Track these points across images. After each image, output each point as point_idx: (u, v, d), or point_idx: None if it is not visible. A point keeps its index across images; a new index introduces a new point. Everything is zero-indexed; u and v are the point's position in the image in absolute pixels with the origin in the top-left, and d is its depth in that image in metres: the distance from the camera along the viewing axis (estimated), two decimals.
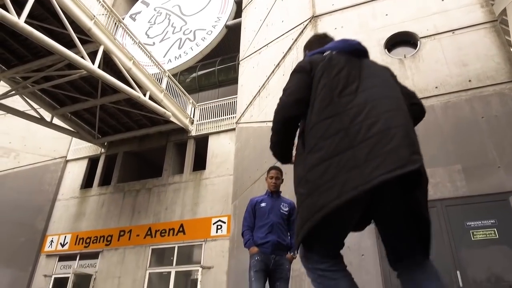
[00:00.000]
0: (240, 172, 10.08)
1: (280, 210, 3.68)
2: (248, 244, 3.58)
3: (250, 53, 11.57)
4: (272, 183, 3.79)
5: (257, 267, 3.41)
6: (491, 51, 6.22)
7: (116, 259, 11.55)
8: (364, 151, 1.34)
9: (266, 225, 3.56)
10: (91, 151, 14.36)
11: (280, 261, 3.49)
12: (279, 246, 3.52)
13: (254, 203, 3.78)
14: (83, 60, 9.07)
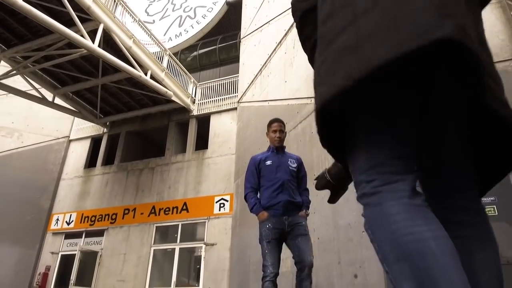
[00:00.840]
0: (242, 152, 10.14)
1: (289, 167, 3.30)
2: (255, 209, 3.16)
3: (252, 30, 11.41)
4: (276, 137, 3.37)
5: (269, 236, 3.01)
6: (496, 27, 6.11)
7: (121, 236, 11.79)
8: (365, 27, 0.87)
9: (275, 184, 3.17)
10: (94, 130, 14.42)
11: (294, 220, 3.13)
12: (291, 205, 3.16)
13: (257, 161, 3.34)
14: (83, 39, 9.00)
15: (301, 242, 3.04)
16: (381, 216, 0.85)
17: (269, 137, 3.45)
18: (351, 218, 5.63)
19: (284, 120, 6.57)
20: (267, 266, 2.93)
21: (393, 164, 0.89)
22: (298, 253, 3.01)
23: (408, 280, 0.77)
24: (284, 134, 3.46)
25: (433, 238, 0.78)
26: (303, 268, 2.94)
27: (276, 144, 3.38)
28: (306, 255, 3.00)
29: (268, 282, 2.91)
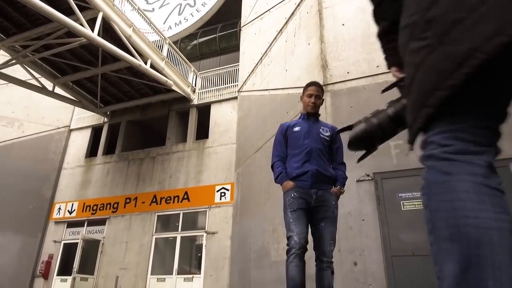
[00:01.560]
0: (242, 141, 10.14)
1: (320, 135, 2.88)
2: (280, 178, 2.80)
3: (252, 18, 11.30)
4: (311, 102, 2.95)
5: (294, 205, 2.65)
6: None
7: (123, 225, 11.88)
8: None
9: (302, 152, 2.79)
10: (94, 120, 14.42)
11: (324, 196, 2.72)
12: (321, 177, 2.75)
13: (285, 128, 3.00)
14: (82, 28, 8.93)
15: (325, 228, 2.66)
16: (446, 188, 0.76)
17: (303, 101, 3.05)
18: (351, 206, 5.66)
19: (285, 110, 6.53)
20: (292, 236, 2.53)
21: (477, 134, 0.78)
22: (318, 242, 2.67)
23: (455, 262, 0.70)
24: (321, 102, 3.03)
25: (498, 228, 0.69)
26: (320, 259, 2.62)
27: (309, 110, 2.97)
28: (326, 245, 2.63)
29: (294, 257, 2.48)
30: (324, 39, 7.15)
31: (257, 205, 8.32)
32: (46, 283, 12.00)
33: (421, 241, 5.37)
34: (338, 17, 7.24)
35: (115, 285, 10.84)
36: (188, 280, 10.38)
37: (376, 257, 5.38)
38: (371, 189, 5.78)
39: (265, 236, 7.61)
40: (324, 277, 2.57)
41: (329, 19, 7.34)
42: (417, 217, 5.48)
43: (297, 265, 2.47)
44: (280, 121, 7.85)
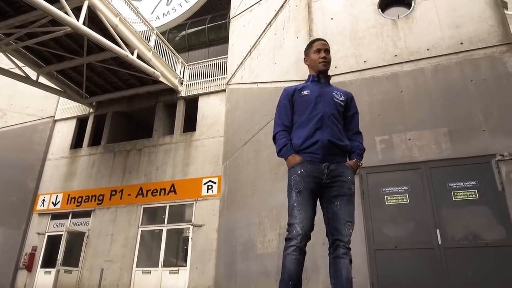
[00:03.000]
0: (230, 134, 10.11)
1: (334, 99, 2.42)
2: (284, 151, 2.32)
3: (241, 10, 11.21)
4: (321, 59, 2.47)
5: (300, 184, 2.19)
6: (485, 13, 6.12)
7: (109, 217, 11.78)
8: None
9: (314, 118, 2.32)
10: (79, 111, 14.18)
11: (338, 170, 2.25)
12: (335, 148, 2.29)
13: (291, 91, 2.49)
14: (67, 16, 8.72)
15: (341, 207, 2.19)
16: None
17: (310, 61, 2.55)
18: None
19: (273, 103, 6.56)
20: (294, 224, 2.12)
21: None
22: (332, 223, 2.20)
23: None
24: (330, 58, 2.56)
25: None
26: (336, 244, 2.15)
27: (321, 68, 2.47)
28: (343, 227, 2.15)
29: (294, 249, 2.08)
30: (312, 33, 7.15)
31: (244, 198, 8.34)
32: (30, 275, 11.86)
33: (404, 235, 5.48)
34: (327, 11, 7.24)
35: (100, 277, 10.77)
36: (174, 273, 10.37)
37: (359, 251, 5.46)
38: (356, 183, 5.84)
39: (251, 229, 7.64)
40: (341, 268, 2.10)
41: (318, 12, 7.33)
42: (400, 212, 5.58)
43: (296, 259, 2.08)
44: (268, 115, 7.84)
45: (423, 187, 5.50)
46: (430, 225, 5.28)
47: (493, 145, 5.31)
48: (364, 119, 6.23)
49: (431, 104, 5.85)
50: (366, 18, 6.80)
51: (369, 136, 6.03)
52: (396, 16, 6.62)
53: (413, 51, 6.23)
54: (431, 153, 5.61)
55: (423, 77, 6.03)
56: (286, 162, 2.33)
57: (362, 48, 6.62)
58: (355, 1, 7.04)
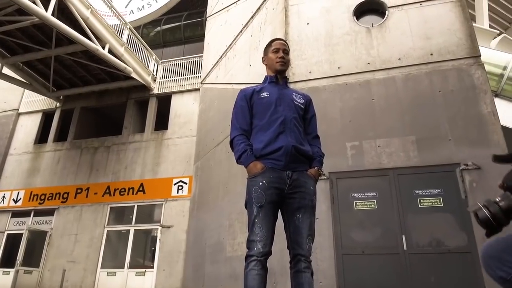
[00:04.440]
0: (203, 134, 9.98)
1: (293, 101, 2.34)
2: (244, 158, 2.16)
3: (218, 9, 11.10)
4: (278, 58, 2.39)
5: (262, 198, 2.07)
6: (454, 25, 6.33)
7: (73, 216, 11.35)
8: None
9: (276, 122, 2.21)
10: (46, 104, 13.60)
11: (300, 179, 2.15)
12: (298, 155, 2.18)
13: (249, 93, 2.35)
14: (35, 6, 8.35)
15: (302, 220, 2.11)
16: None
17: (268, 60, 2.47)
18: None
19: None
20: (255, 242, 2.03)
21: None
22: (294, 237, 2.12)
23: None
24: (289, 59, 2.49)
25: None
26: (297, 259, 2.09)
27: (278, 67, 2.39)
28: (304, 241, 2.09)
29: (255, 264, 2.00)
30: (288, 37, 7.16)
31: (215, 200, 8.25)
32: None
33: (371, 240, 5.57)
34: (303, 16, 7.27)
35: (61, 278, 10.34)
36: (140, 274, 10.12)
37: (327, 255, 5.51)
38: (326, 188, 5.89)
39: (221, 231, 7.56)
40: (303, 282, 2.06)
41: (294, 17, 7.35)
42: (368, 217, 5.67)
43: (258, 274, 1.99)
44: None
45: (390, 193, 5.62)
46: (397, 231, 5.39)
47: (458, 155, 5.50)
48: (336, 124, 6.31)
49: (400, 113, 5.99)
50: (341, 25, 6.88)
51: (340, 142, 6.11)
52: (370, 25, 6.74)
53: (385, 59, 6.36)
54: (399, 160, 5.74)
55: (394, 85, 6.16)
56: (247, 170, 2.18)
57: (336, 55, 6.69)
58: (331, 8, 7.12)
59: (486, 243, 1.31)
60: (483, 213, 1.25)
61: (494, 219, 1.24)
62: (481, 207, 1.26)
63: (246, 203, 2.17)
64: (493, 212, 1.24)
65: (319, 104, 6.44)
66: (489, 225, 1.25)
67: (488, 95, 5.74)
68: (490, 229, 1.26)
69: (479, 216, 1.26)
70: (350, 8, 6.94)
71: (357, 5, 6.93)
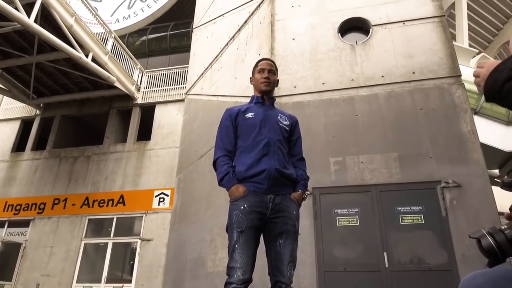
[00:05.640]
0: (187, 145, 9.86)
1: (278, 123, 2.31)
2: (226, 181, 2.13)
3: (205, 21, 11.11)
4: (263, 79, 2.37)
5: (243, 223, 2.02)
6: (436, 45, 6.47)
7: (49, 228, 10.98)
8: None
9: (259, 144, 2.18)
10: (25, 112, 13.26)
11: (283, 203, 2.12)
12: (281, 179, 2.15)
13: (234, 113, 2.33)
14: (17, 12, 8.18)
15: (284, 246, 2.07)
16: None
17: (254, 80, 2.45)
18: None
19: None
20: (234, 268, 1.97)
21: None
22: (275, 263, 2.07)
23: None
24: (276, 80, 2.46)
25: None
26: (278, 286, 2.03)
27: (263, 88, 2.36)
28: (285, 268, 2.04)
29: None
30: (274, 51, 7.18)
31: (197, 213, 8.10)
32: None
33: (353, 257, 5.54)
34: (289, 31, 7.32)
35: None
36: None
37: (309, 272, 5.44)
38: (309, 203, 5.85)
39: (202, 245, 7.41)
40: None
41: (280, 32, 7.39)
42: (350, 234, 5.65)
43: None
44: None
45: (373, 210, 5.62)
46: (378, 248, 5.38)
47: (439, 172, 5.56)
48: (320, 139, 6.32)
49: (383, 129, 6.04)
50: (326, 41, 6.95)
51: (324, 157, 6.11)
52: (355, 42, 6.83)
53: (369, 76, 6.43)
54: (381, 176, 5.76)
55: (377, 102, 6.23)
56: (228, 193, 2.14)
57: (321, 70, 6.74)
58: (317, 24, 7.20)
59: (471, 276, 1.25)
60: (487, 241, 1.18)
61: (499, 248, 1.16)
62: (485, 234, 1.19)
63: (227, 227, 2.12)
64: (498, 241, 1.17)
65: (303, 119, 6.46)
66: (492, 254, 1.18)
67: (468, 114, 5.86)
68: (494, 258, 1.19)
69: (483, 244, 1.18)
70: (335, 25, 7.04)
71: (342, 23, 7.02)
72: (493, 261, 1.20)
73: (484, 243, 1.18)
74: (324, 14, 7.29)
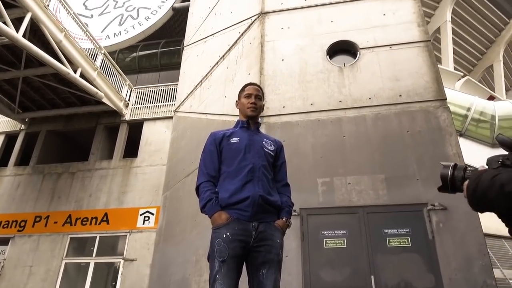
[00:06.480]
0: (174, 163, 9.75)
1: (263, 148, 2.28)
2: (209, 208, 2.08)
3: (196, 40, 11.20)
4: (250, 104, 2.36)
5: (225, 253, 1.96)
6: (422, 69, 6.61)
7: (29, 246, 10.62)
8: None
9: (244, 170, 2.14)
10: (9, 126, 13.03)
11: (267, 231, 2.07)
12: (265, 206, 2.11)
13: (219, 137, 2.30)
14: (5, 26, 8.11)
15: (267, 276, 2.01)
16: None
17: (240, 105, 2.44)
18: None
19: None
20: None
21: None
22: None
23: None
24: (262, 105, 2.46)
25: None
26: None
27: (249, 113, 2.35)
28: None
29: None
30: (263, 72, 7.24)
31: (183, 233, 7.94)
32: None
33: (340, 280, 5.45)
34: (278, 52, 7.41)
35: None
36: None
37: None
38: (296, 224, 5.79)
39: (187, 266, 7.23)
40: None
41: (269, 53, 7.47)
42: (338, 256, 5.58)
43: None
44: None
45: (360, 232, 5.58)
46: (366, 270, 5.31)
47: (425, 195, 5.57)
48: (308, 160, 6.31)
49: (370, 151, 6.07)
50: (314, 63, 7.04)
51: (312, 177, 6.09)
52: (343, 64, 6.94)
53: (356, 98, 6.51)
54: (368, 198, 5.75)
55: (364, 124, 6.28)
56: (211, 220, 2.08)
57: (309, 91, 6.80)
58: (306, 46, 7.30)
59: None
60: (446, 171, 1.33)
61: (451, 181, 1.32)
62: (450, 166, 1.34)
63: (208, 256, 2.06)
64: (455, 175, 1.31)
65: (291, 138, 6.48)
66: (444, 182, 1.34)
67: (454, 137, 5.94)
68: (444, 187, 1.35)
69: (442, 171, 1.34)
70: (324, 47, 7.15)
71: (330, 45, 7.14)
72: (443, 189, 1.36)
73: (443, 172, 1.34)
74: (312, 37, 7.41)
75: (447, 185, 1.33)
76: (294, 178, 6.08)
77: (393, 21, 7.25)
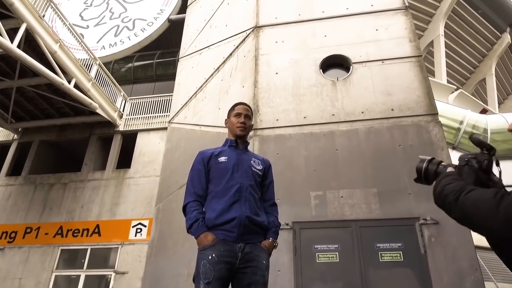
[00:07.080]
0: (167, 174, 9.71)
1: (251, 168, 2.29)
2: (195, 228, 2.06)
3: (191, 52, 11.26)
4: (239, 123, 2.38)
5: (210, 274, 1.95)
6: (414, 84, 6.68)
7: (19, 258, 10.46)
8: None
9: (231, 190, 2.14)
10: (2, 136, 12.98)
11: (253, 253, 2.07)
12: (252, 226, 2.11)
13: (207, 156, 2.30)
14: (0, 37, 8.11)
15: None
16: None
17: (230, 124, 2.46)
18: None
19: None
20: None
21: None
22: None
23: None
24: (251, 125, 2.49)
25: None
26: None
27: (238, 132, 2.37)
28: None
29: None
30: (258, 84, 7.28)
31: (175, 245, 7.86)
32: None
33: None
34: (272, 66, 7.47)
35: None
36: None
37: None
38: (289, 238, 5.76)
39: (179, 280, 7.14)
40: None
41: (264, 66, 7.53)
42: (330, 270, 5.55)
43: None
44: None
45: (352, 246, 5.56)
46: (358, 285, 5.29)
47: (417, 209, 5.58)
48: (301, 173, 6.32)
49: (363, 164, 6.09)
50: (308, 77, 7.10)
51: (304, 190, 6.08)
52: (336, 78, 7.00)
53: (349, 112, 6.55)
54: (361, 212, 5.75)
55: (356, 138, 6.31)
56: (197, 241, 2.08)
57: (303, 104, 6.84)
58: (300, 60, 7.37)
59: None
60: (421, 165, 1.43)
61: (425, 173, 1.41)
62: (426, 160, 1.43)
63: (193, 277, 2.06)
64: (429, 168, 1.42)
65: (285, 151, 6.49)
66: (418, 174, 1.45)
67: (445, 151, 5.98)
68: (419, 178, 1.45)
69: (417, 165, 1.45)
70: (317, 61, 7.22)
71: (323, 59, 7.21)
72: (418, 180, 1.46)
73: (418, 165, 1.45)
74: (306, 51, 7.49)
75: (421, 177, 1.43)
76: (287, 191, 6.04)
77: (386, 36, 7.35)
